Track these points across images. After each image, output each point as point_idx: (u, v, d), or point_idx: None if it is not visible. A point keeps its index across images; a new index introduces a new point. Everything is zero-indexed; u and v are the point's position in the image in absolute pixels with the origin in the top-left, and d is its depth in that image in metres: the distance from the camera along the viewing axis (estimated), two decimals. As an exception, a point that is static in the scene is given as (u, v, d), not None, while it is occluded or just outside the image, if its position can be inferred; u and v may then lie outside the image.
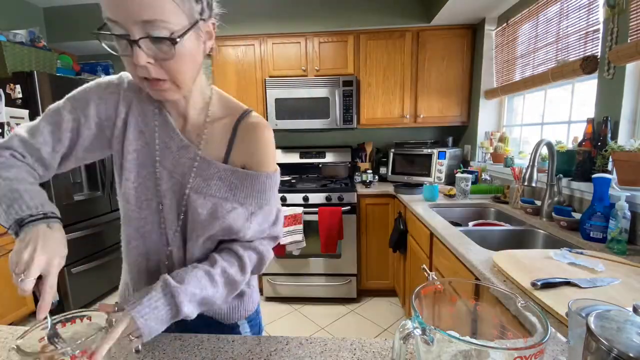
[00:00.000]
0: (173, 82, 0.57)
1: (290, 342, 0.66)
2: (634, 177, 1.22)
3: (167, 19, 0.50)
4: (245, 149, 0.68)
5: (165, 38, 0.51)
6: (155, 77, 0.55)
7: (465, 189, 2.09)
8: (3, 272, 2.23)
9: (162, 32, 0.51)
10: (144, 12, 0.49)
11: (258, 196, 0.68)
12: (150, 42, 0.51)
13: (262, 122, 0.70)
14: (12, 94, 2.22)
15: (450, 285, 0.52)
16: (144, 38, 0.51)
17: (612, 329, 0.39)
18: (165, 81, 0.56)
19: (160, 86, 0.57)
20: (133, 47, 0.51)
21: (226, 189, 0.67)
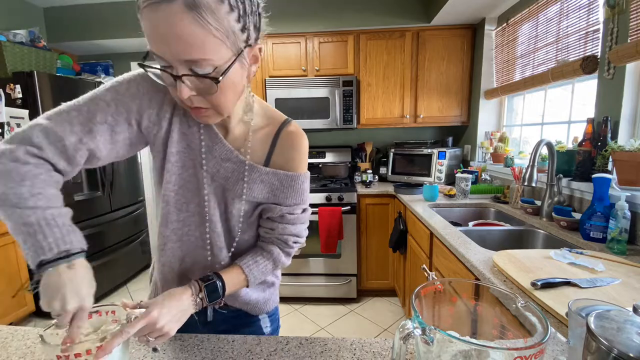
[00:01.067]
0: (215, 110, 0.58)
1: (290, 342, 0.66)
2: (634, 177, 1.22)
3: (211, 56, 0.50)
4: (283, 156, 0.71)
5: (209, 76, 0.51)
6: (197, 106, 0.56)
7: (465, 189, 2.09)
8: (4, 271, 2.23)
9: (205, 69, 0.50)
10: (187, 52, 0.48)
11: (295, 196, 0.71)
12: (195, 77, 0.51)
13: (300, 132, 0.73)
14: (12, 94, 2.22)
15: (450, 285, 0.52)
16: (188, 75, 0.50)
17: (612, 329, 0.39)
18: (207, 109, 0.57)
19: (202, 113, 0.57)
20: (177, 81, 0.51)
21: (267, 191, 0.70)
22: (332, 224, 2.43)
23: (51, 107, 0.61)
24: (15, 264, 2.31)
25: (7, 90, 2.22)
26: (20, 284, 2.33)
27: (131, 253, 3.07)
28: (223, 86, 0.53)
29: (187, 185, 0.68)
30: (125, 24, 2.84)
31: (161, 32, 0.47)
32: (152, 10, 0.46)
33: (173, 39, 0.47)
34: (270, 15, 0.63)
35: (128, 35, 2.85)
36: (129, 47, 3.11)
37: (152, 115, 0.64)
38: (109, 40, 2.92)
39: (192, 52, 0.48)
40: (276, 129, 0.72)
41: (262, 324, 0.82)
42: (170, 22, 0.46)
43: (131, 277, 3.14)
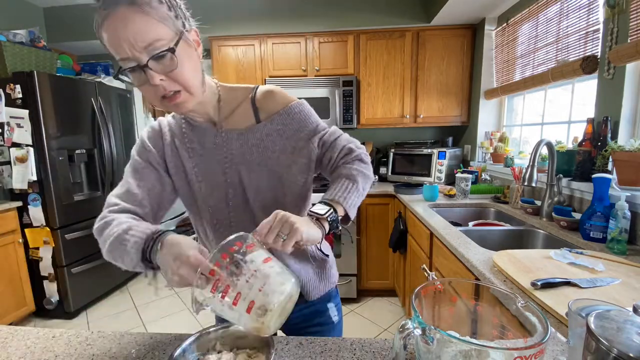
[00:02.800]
0: (186, 90, 0.64)
1: (290, 342, 0.66)
2: (634, 177, 1.22)
3: (160, 36, 0.59)
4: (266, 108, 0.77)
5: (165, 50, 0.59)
6: (170, 89, 0.62)
7: (465, 189, 2.09)
8: (4, 271, 2.23)
9: (161, 48, 0.59)
10: (142, 37, 0.57)
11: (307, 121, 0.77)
12: (155, 61, 0.59)
13: (271, 87, 0.79)
14: (12, 94, 2.22)
15: (450, 285, 0.52)
16: (151, 59, 0.58)
17: (612, 329, 0.39)
18: (180, 92, 0.63)
19: (178, 98, 0.63)
20: (146, 71, 0.58)
21: (278, 138, 0.76)
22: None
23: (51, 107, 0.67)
24: (15, 264, 2.31)
25: (7, 90, 2.22)
26: (20, 284, 2.33)
27: (131, 253, 3.07)
28: (181, 61, 0.61)
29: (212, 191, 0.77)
30: (125, 24, 2.83)
31: (119, 32, 0.56)
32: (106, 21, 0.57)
33: (131, 33, 0.56)
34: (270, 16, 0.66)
35: (128, 35, 2.85)
36: (129, 47, 3.10)
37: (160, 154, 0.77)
38: (109, 40, 2.92)
39: (145, 35, 0.57)
40: (250, 95, 0.78)
41: (331, 313, 0.85)
42: (122, 20, 0.56)
43: (131, 277, 3.14)
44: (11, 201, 2.31)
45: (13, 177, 2.28)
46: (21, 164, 2.27)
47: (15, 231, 2.31)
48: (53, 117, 2.31)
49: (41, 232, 2.35)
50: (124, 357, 0.63)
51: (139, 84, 0.62)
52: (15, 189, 2.30)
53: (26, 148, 2.26)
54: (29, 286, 2.39)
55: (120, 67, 0.61)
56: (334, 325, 0.85)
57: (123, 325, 2.40)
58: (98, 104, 2.68)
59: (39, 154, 2.27)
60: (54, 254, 2.39)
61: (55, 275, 2.42)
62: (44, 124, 2.25)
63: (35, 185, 2.30)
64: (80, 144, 2.56)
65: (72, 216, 2.47)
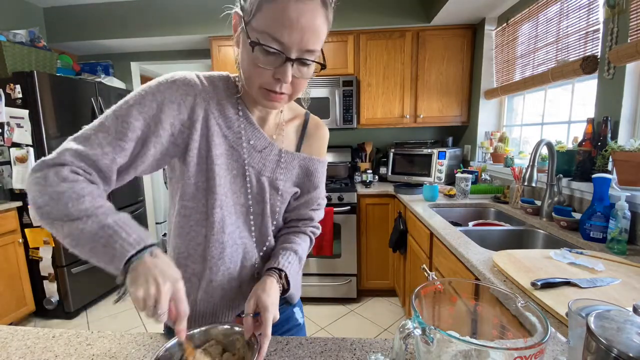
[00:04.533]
0: (290, 97, 0.62)
1: (290, 342, 0.66)
2: (634, 177, 1.22)
3: (320, 47, 0.58)
4: (311, 143, 0.79)
5: (319, 63, 0.59)
6: (281, 90, 0.59)
7: (465, 189, 2.09)
8: (4, 271, 2.23)
9: (312, 58, 0.58)
10: (313, 43, 0.55)
11: (323, 180, 0.80)
12: (300, 63, 0.57)
13: (322, 122, 0.82)
14: (12, 94, 2.22)
15: (450, 285, 0.52)
16: (299, 60, 0.56)
17: (612, 329, 0.39)
18: (285, 95, 0.61)
19: (279, 99, 0.60)
20: (286, 64, 0.55)
21: (304, 175, 0.77)
22: (325, 224, 2.43)
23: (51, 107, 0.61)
24: (15, 264, 2.31)
25: (7, 90, 2.22)
26: (20, 284, 2.33)
27: (131, 253, 3.07)
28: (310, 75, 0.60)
29: (232, 186, 0.69)
30: (125, 24, 2.84)
31: (302, 21, 0.53)
32: (297, 2, 0.52)
33: (309, 29, 0.54)
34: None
35: (128, 35, 2.85)
36: (129, 47, 3.11)
37: (183, 121, 0.62)
38: (109, 40, 2.92)
39: (316, 43, 0.56)
40: (302, 120, 0.79)
41: (297, 316, 0.86)
42: (313, 15, 0.53)
43: (131, 277, 3.14)
44: (11, 201, 2.31)
45: (13, 177, 2.29)
46: (21, 164, 2.27)
47: (15, 231, 2.31)
48: (53, 117, 2.31)
49: (41, 232, 2.35)
50: (124, 357, 0.63)
51: (259, 64, 0.55)
52: (15, 189, 2.31)
53: (26, 148, 2.26)
54: (29, 286, 2.39)
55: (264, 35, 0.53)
56: (301, 326, 0.86)
57: (123, 325, 2.40)
58: (98, 104, 2.68)
59: (39, 154, 2.27)
60: (54, 254, 2.39)
61: (55, 275, 2.42)
62: (44, 124, 2.25)
63: (35, 185, 2.30)
64: (80, 144, 2.56)
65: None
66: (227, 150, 0.67)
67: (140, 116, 0.58)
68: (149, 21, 2.81)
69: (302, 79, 0.60)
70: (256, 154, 0.70)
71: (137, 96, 0.60)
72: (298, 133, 0.78)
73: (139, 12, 2.81)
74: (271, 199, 0.73)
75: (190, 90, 0.62)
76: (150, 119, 0.59)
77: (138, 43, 2.99)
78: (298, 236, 0.77)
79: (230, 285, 0.72)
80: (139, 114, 0.58)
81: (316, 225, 0.82)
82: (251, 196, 0.71)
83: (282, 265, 0.69)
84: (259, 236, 0.74)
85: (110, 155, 0.56)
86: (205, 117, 0.64)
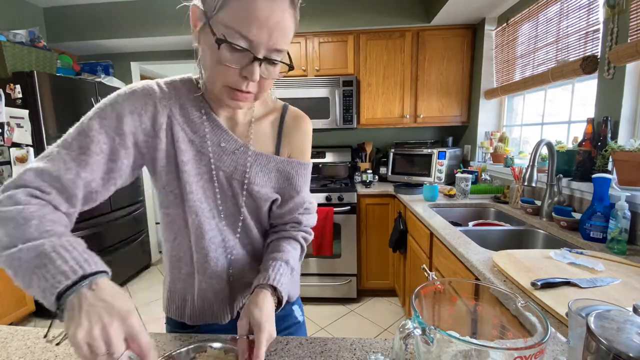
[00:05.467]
0: (255, 96, 0.60)
1: (290, 342, 0.66)
2: (634, 177, 1.22)
3: (288, 46, 0.56)
4: (291, 140, 0.74)
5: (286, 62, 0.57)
6: (247, 88, 0.57)
7: (465, 189, 2.09)
8: (3, 272, 2.23)
9: (280, 57, 0.57)
10: (281, 42, 0.54)
11: (306, 184, 0.75)
12: (268, 63, 0.56)
13: (302, 113, 0.76)
14: (12, 94, 2.22)
15: (450, 285, 0.52)
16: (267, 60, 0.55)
17: (612, 329, 0.39)
18: (251, 94, 0.59)
19: (244, 98, 0.58)
20: (253, 63, 0.54)
21: (284, 179, 0.72)
22: (325, 224, 2.43)
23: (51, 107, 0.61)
24: (15, 264, 2.30)
25: (7, 90, 2.22)
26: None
27: (131, 253, 3.07)
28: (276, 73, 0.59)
29: (206, 192, 0.67)
30: (125, 24, 2.84)
31: (272, 19, 0.51)
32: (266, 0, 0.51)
33: (277, 28, 0.52)
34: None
35: (128, 35, 2.85)
36: (129, 47, 3.11)
37: (147, 130, 0.61)
38: (109, 40, 2.92)
39: (284, 43, 0.55)
40: (279, 114, 0.74)
41: (296, 314, 0.85)
42: (281, 14, 0.52)
43: (131, 277, 3.14)
44: (11, 201, 2.31)
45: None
46: (21, 164, 2.27)
47: (15, 231, 2.31)
48: (53, 117, 2.31)
49: (41, 232, 2.34)
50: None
51: (224, 62, 0.53)
52: (15, 189, 2.31)
53: (26, 148, 2.26)
54: (29, 286, 2.39)
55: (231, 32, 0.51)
56: (300, 324, 0.85)
57: (123, 325, 2.40)
58: (98, 104, 2.68)
59: (39, 154, 2.26)
60: (54, 254, 2.38)
61: (55, 275, 2.41)
62: (44, 124, 2.25)
63: (35, 185, 2.30)
64: (80, 144, 2.56)
65: (72, 216, 2.47)
66: (194, 155, 0.65)
67: (102, 129, 0.57)
68: (149, 21, 2.81)
69: (269, 79, 0.58)
70: (226, 157, 0.67)
71: (97, 110, 0.59)
72: (275, 129, 0.73)
73: (139, 12, 2.81)
74: (247, 202, 0.70)
75: (149, 99, 0.61)
76: (112, 132, 0.58)
77: (138, 43, 2.99)
78: (289, 243, 0.73)
79: (222, 285, 0.72)
80: (101, 127, 0.57)
81: (307, 230, 0.78)
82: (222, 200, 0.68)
83: (274, 281, 0.64)
84: (244, 237, 0.73)
85: (73, 170, 0.54)
86: (169, 124, 0.63)
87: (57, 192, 0.53)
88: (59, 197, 0.54)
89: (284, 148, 0.73)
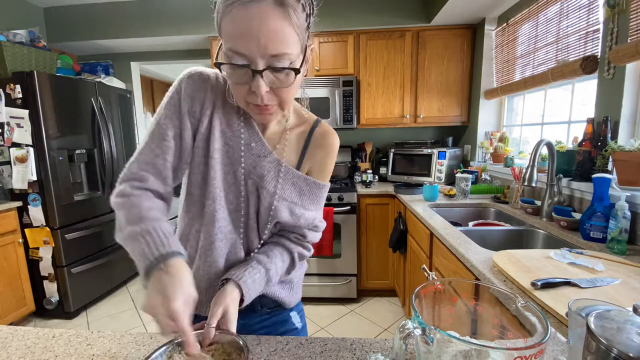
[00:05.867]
0: (279, 107, 0.60)
1: (290, 342, 0.66)
2: (634, 177, 1.22)
3: (291, 51, 0.54)
4: (315, 154, 0.75)
5: (290, 69, 0.55)
6: (266, 102, 0.57)
7: (465, 189, 2.09)
8: (4, 271, 2.23)
9: (284, 63, 0.54)
10: (274, 46, 0.52)
11: (317, 203, 0.76)
12: (271, 72, 0.54)
13: (332, 130, 0.76)
14: (12, 94, 2.22)
15: (450, 285, 0.52)
16: (269, 69, 0.53)
17: (612, 329, 0.39)
18: (273, 106, 0.59)
19: (267, 111, 0.59)
20: (255, 76, 0.53)
21: (296, 194, 0.73)
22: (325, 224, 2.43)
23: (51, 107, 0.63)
24: (15, 264, 2.31)
25: (7, 90, 2.22)
26: (20, 284, 2.33)
27: (131, 253, 3.07)
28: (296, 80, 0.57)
29: (228, 182, 0.70)
30: (125, 24, 2.84)
31: (253, 27, 0.50)
32: (242, 9, 0.50)
33: (264, 33, 0.50)
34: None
35: (128, 35, 2.85)
36: (129, 47, 3.11)
37: (195, 113, 0.67)
38: (109, 40, 2.92)
39: (279, 46, 0.52)
40: (309, 128, 0.75)
41: (294, 320, 0.84)
42: (263, 18, 0.50)
43: (131, 277, 3.14)
44: (11, 201, 2.31)
45: (13, 177, 2.28)
46: (21, 164, 2.27)
47: (15, 231, 2.31)
48: (53, 117, 2.31)
49: (41, 232, 2.35)
50: (124, 357, 0.63)
51: (235, 82, 0.56)
52: (15, 189, 2.31)
53: (26, 148, 2.26)
54: (29, 286, 2.39)
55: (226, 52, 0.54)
56: (298, 331, 0.84)
57: (123, 325, 2.40)
58: (98, 104, 2.68)
59: (39, 154, 2.27)
60: (54, 254, 2.39)
61: (55, 275, 2.42)
62: (44, 124, 2.25)
63: (35, 185, 2.30)
64: (80, 144, 2.56)
65: (72, 216, 2.47)
66: (223, 146, 0.68)
67: (172, 114, 0.65)
68: (149, 21, 2.81)
69: (286, 88, 0.57)
70: (249, 156, 0.69)
71: (166, 97, 0.67)
72: (301, 142, 0.74)
73: (139, 12, 2.81)
74: (260, 208, 0.71)
75: (203, 85, 0.66)
76: (177, 115, 0.65)
77: (138, 43, 2.99)
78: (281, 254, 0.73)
79: (217, 276, 0.72)
80: (169, 112, 0.65)
81: (307, 247, 0.78)
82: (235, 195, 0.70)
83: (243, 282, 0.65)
84: (246, 238, 0.73)
85: (161, 157, 0.65)
86: (212, 111, 0.67)
87: (154, 176, 0.65)
88: (156, 180, 0.65)
89: (307, 161, 0.74)
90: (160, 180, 0.66)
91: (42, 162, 2.28)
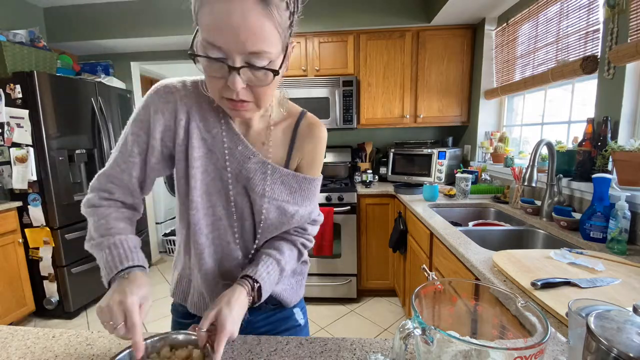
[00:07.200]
0: (256, 104, 0.58)
1: (290, 342, 0.66)
2: (634, 177, 1.22)
3: (271, 49, 0.52)
4: (303, 147, 0.72)
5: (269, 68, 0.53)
6: (242, 99, 0.56)
7: (465, 189, 2.09)
8: (4, 271, 2.23)
9: (263, 62, 0.52)
10: (254, 43, 0.50)
11: (310, 198, 0.74)
12: (249, 69, 0.52)
13: (318, 121, 0.75)
14: (12, 94, 2.22)
15: (450, 285, 0.52)
16: (246, 67, 0.52)
17: (612, 329, 0.39)
18: (249, 103, 0.57)
19: (243, 107, 0.58)
20: (232, 72, 0.52)
21: (287, 192, 0.71)
22: (325, 225, 2.43)
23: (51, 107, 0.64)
24: (15, 264, 2.31)
25: (7, 90, 2.22)
26: (20, 284, 2.33)
27: (131, 253, 3.07)
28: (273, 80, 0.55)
29: (210, 189, 0.69)
30: (125, 24, 2.84)
31: (233, 22, 0.48)
32: (223, 1, 0.48)
33: (244, 29, 0.48)
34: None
35: (128, 35, 2.85)
36: (129, 47, 3.11)
37: (169, 126, 0.66)
38: (109, 40, 2.92)
39: (258, 43, 0.50)
40: (294, 121, 0.73)
41: (297, 317, 0.84)
42: (243, 13, 0.48)
43: (131, 277, 3.14)
44: (11, 201, 2.31)
45: (13, 177, 2.28)
46: (21, 164, 2.27)
47: (15, 231, 2.31)
48: (53, 117, 2.31)
49: (41, 232, 2.35)
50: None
51: (210, 74, 0.54)
52: (15, 189, 2.31)
53: (26, 148, 2.26)
54: (29, 286, 2.39)
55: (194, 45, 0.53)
56: (301, 327, 0.84)
57: (123, 325, 2.40)
58: (98, 104, 2.68)
59: (39, 154, 2.27)
60: (54, 254, 2.39)
61: (55, 275, 2.42)
62: (44, 124, 2.25)
63: (35, 185, 2.30)
64: (80, 144, 2.57)
65: (72, 216, 2.47)
66: (205, 153, 0.67)
67: (138, 130, 0.66)
68: (149, 21, 2.81)
69: (263, 86, 0.55)
70: (233, 160, 0.67)
71: (134, 113, 0.67)
72: (288, 136, 0.72)
73: (139, 12, 2.81)
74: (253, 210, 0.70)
75: (171, 97, 0.65)
76: (144, 131, 0.65)
77: (138, 43, 2.99)
78: (287, 246, 0.73)
79: (216, 281, 0.72)
80: (136, 129, 0.66)
81: (309, 238, 0.78)
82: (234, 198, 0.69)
83: (259, 276, 0.65)
84: (242, 241, 0.73)
85: (126, 171, 0.66)
86: (187, 120, 0.66)
87: (121, 189, 0.68)
88: (124, 193, 0.68)
89: (296, 156, 0.72)
90: (127, 193, 0.69)
91: (42, 162, 2.28)
